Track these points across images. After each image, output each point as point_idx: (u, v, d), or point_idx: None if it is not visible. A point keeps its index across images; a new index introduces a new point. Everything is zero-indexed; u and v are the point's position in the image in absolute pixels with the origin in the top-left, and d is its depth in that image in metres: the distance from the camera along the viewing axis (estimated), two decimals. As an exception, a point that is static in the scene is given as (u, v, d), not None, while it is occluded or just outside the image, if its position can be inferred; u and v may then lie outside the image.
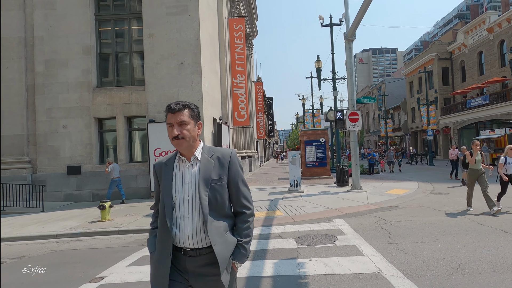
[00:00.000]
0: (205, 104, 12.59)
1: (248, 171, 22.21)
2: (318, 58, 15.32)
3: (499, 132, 21.52)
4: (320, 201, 9.88)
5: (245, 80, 16.92)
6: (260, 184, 15.13)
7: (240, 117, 16.74)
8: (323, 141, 17.41)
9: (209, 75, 13.69)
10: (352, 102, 12.04)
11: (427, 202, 9.34)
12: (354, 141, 12.05)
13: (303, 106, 25.78)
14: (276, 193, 11.87)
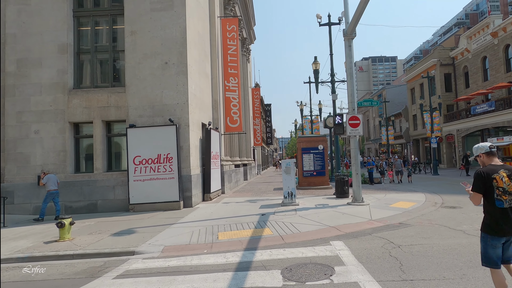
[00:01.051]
0: (191, 107, 11.50)
1: (243, 180, 21.03)
2: (316, 59, 14.29)
3: (508, 140, 20.39)
4: (317, 217, 8.69)
5: (238, 83, 15.87)
6: (253, 195, 13.94)
7: (232, 123, 15.64)
8: (321, 149, 16.27)
9: (197, 77, 12.64)
10: (353, 105, 10.95)
11: (439, 219, 8.16)
12: (355, 148, 10.91)
13: (301, 112, 24.69)
14: (268, 206, 10.69)
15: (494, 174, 3.18)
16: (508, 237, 3.16)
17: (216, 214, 9.56)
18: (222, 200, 12.55)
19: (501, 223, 3.13)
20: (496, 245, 3.16)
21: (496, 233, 3.15)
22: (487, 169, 3.25)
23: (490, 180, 3.18)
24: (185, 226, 8.11)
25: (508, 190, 3.12)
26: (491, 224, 3.20)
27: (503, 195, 3.13)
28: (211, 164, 12.73)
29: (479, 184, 3.23)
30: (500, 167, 3.24)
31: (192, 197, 11.12)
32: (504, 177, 3.16)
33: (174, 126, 10.81)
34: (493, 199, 3.16)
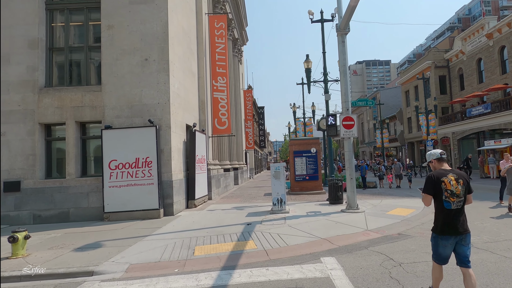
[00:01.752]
0: (173, 107, 10.68)
1: (233, 184, 20.18)
2: (308, 57, 13.54)
3: (506, 142, 19.85)
4: (308, 227, 7.89)
5: (227, 83, 15.08)
6: (241, 201, 13.11)
7: (220, 125, 14.83)
8: (314, 152, 15.51)
9: (181, 75, 11.83)
10: (346, 105, 10.21)
11: (441, 228, 7.41)
12: (349, 151, 10.16)
13: (294, 115, 23.91)
14: (256, 214, 9.87)
15: (443, 178, 3.42)
16: (457, 236, 3.38)
17: (198, 224, 8.71)
18: (207, 207, 11.69)
19: (449, 223, 3.38)
20: (446, 245, 3.39)
21: (444, 233, 3.39)
22: (437, 173, 3.49)
23: (439, 183, 3.41)
24: (160, 238, 7.25)
25: (455, 193, 3.36)
26: (440, 225, 3.43)
27: (450, 197, 3.36)
28: (196, 168, 11.89)
29: (429, 186, 3.46)
30: (449, 172, 3.49)
31: (174, 204, 10.26)
32: (452, 180, 3.40)
33: (154, 128, 9.97)
34: (442, 201, 3.39)
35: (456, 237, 3.39)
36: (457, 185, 3.39)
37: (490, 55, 27.55)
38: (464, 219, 3.46)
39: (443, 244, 3.42)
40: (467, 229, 3.45)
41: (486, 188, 15.68)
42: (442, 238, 3.43)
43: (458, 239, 3.41)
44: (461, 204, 3.41)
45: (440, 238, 3.44)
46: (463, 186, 3.42)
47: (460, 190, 3.40)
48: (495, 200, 11.47)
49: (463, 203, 3.43)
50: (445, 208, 3.39)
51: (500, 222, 7.83)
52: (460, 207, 3.41)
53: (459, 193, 3.39)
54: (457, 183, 3.40)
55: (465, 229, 3.43)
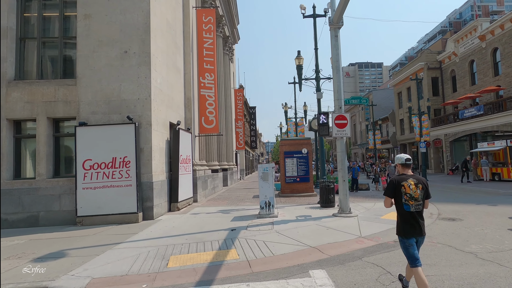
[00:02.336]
0: (155, 103, 9.97)
1: (222, 186, 19.48)
2: (299, 54, 12.94)
3: (499, 145, 19.55)
4: (296, 233, 7.27)
5: (215, 80, 14.41)
6: (228, 204, 12.43)
7: (208, 123, 14.14)
8: (305, 153, 14.93)
9: (165, 70, 11.13)
10: (339, 103, 9.63)
11: (441, 235, 6.86)
12: (342, 151, 9.58)
13: (285, 114, 23.23)
14: (242, 218, 9.22)
15: (403, 182, 3.62)
16: (416, 237, 3.58)
17: (178, 229, 8.02)
18: (191, 210, 10.99)
19: (408, 225, 3.58)
20: (411, 244, 3.56)
21: (406, 234, 3.58)
22: (399, 177, 3.70)
23: (399, 186, 3.61)
24: (133, 246, 6.55)
25: (414, 196, 3.56)
26: (403, 227, 3.61)
27: (409, 200, 3.57)
28: (180, 169, 11.19)
29: (390, 189, 3.67)
30: (410, 177, 3.67)
31: (154, 207, 9.54)
32: (412, 184, 3.59)
33: (133, 125, 9.25)
34: (402, 204, 3.61)
35: (416, 237, 3.62)
36: (416, 190, 3.59)
37: (483, 57, 27.40)
38: (423, 223, 3.66)
39: (408, 244, 3.60)
40: (424, 232, 3.67)
41: (481, 191, 15.29)
42: (407, 239, 3.61)
43: (417, 240, 3.64)
44: (420, 208, 3.62)
45: (405, 240, 3.63)
46: (421, 191, 3.62)
47: (419, 194, 3.60)
48: (492, 204, 11.03)
49: (421, 207, 3.64)
50: (405, 210, 3.62)
51: (502, 228, 7.32)
52: (419, 210, 3.62)
53: (418, 197, 3.59)
54: (416, 188, 3.61)
55: (423, 231, 3.65)
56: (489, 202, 11.47)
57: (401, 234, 3.66)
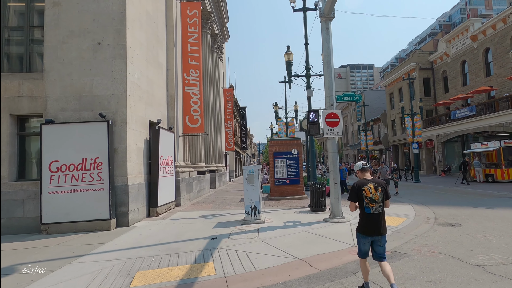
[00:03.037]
0: (132, 100, 9.18)
1: (209, 188, 18.69)
2: (289, 49, 12.26)
3: (493, 145, 19.20)
4: (283, 242, 6.56)
5: (200, 77, 13.64)
6: (213, 208, 11.66)
7: (192, 122, 13.36)
8: (295, 153, 14.26)
9: (144, 65, 10.34)
10: (331, 100, 8.97)
11: (441, 244, 6.22)
12: (333, 152, 8.92)
13: (276, 114, 22.51)
14: (226, 225, 8.47)
15: (364, 186, 3.94)
16: (373, 237, 3.90)
17: (153, 238, 7.23)
18: (172, 216, 10.20)
19: (367, 225, 3.92)
20: (365, 242, 3.95)
21: (365, 233, 3.93)
22: (359, 182, 4.03)
23: (360, 191, 3.95)
24: (97, 259, 5.75)
25: (374, 199, 3.89)
26: (363, 226, 3.97)
27: (370, 203, 3.89)
28: (161, 171, 10.40)
29: (353, 194, 4.03)
30: (370, 181, 3.99)
31: (129, 213, 8.73)
32: (371, 188, 3.91)
33: (106, 123, 8.44)
34: (363, 206, 3.94)
35: (373, 237, 3.89)
36: (376, 193, 3.86)
37: (475, 58, 27.20)
38: (383, 222, 3.92)
39: (363, 241, 3.94)
40: (384, 232, 3.90)
41: (476, 193, 14.82)
42: (363, 237, 3.94)
43: (375, 239, 3.90)
44: (380, 209, 3.89)
45: (362, 237, 3.96)
46: (381, 193, 3.88)
47: (379, 197, 3.87)
48: (490, 207, 10.49)
49: (382, 208, 3.90)
50: (366, 212, 3.89)
51: (506, 235, 6.73)
52: (380, 211, 3.89)
53: (378, 199, 3.86)
54: (376, 191, 3.87)
55: (382, 232, 3.88)
56: (487, 205, 10.94)
57: (359, 231, 4.01)
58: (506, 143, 18.46)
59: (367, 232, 3.90)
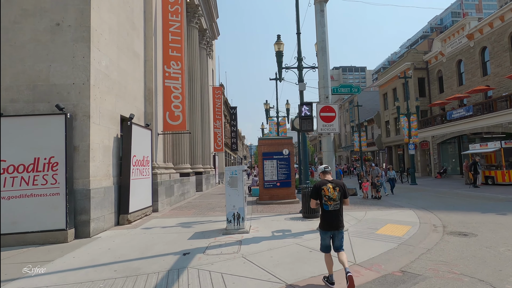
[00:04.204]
0: (97, 91, 7.94)
1: (195, 191, 17.44)
2: (279, 38, 11.12)
3: (493, 146, 18.35)
4: (270, 258, 5.39)
5: (182, 69, 12.44)
6: (194, 214, 10.44)
7: (173, 119, 12.13)
8: (287, 154, 13.14)
9: (115, 52, 9.11)
10: (325, 91, 7.87)
11: (460, 260, 5.12)
12: (329, 151, 7.80)
13: (267, 113, 21.34)
14: (204, 235, 7.27)
15: (323, 186, 4.34)
16: (332, 231, 4.30)
17: (113, 254, 6.00)
18: (145, 224, 8.95)
19: (327, 221, 4.32)
20: (325, 237, 4.33)
21: (325, 228, 4.32)
22: (320, 182, 4.43)
23: (320, 190, 4.34)
24: (30, 286, 4.50)
25: (332, 198, 4.27)
26: (323, 222, 4.36)
27: (328, 201, 4.28)
28: (133, 173, 9.16)
29: (313, 192, 4.42)
30: (329, 181, 4.39)
31: (92, 222, 7.47)
32: (330, 188, 4.30)
33: (63, 116, 7.20)
34: (323, 204, 4.33)
35: (332, 231, 4.31)
36: (334, 192, 4.29)
37: (471, 57, 26.50)
38: (341, 219, 4.34)
39: (324, 237, 4.35)
40: (341, 227, 4.32)
41: (479, 196, 13.87)
42: (324, 233, 4.35)
43: (334, 233, 4.32)
44: (337, 207, 4.31)
45: (323, 232, 4.37)
46: (339, 193, 4.32)
47: (336, 195, 4.29)
48: (500, 212, 9.49)
49: (339, 206, 4.34)
50: (325, 209, 4.33)
51: (533, 249, 5.67)
52: (337, 208, 4.32)
53: (335, 198, 4.28)
54: (334, 190, 4.30)
55: (339, 226, 4.30)
56: (495, 210, 9.95)
57: (321, 228, 4.38)
58: (507, 143, 17.62)
59: (327, 227, 4.31)
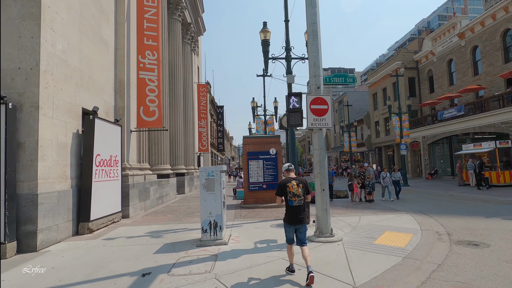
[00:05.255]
0: (50, 78, 6.75)
1: (175, 194, 16.22)
2: (265, 25, 10.02)
3: (487, 146, 17.74)
4: (247, 279, 4.33)
5: (159, 60, 11.27)
6: (170, 220, 9.28)
7: (148, 115, 10.95)
8: (274, 153, 12.11)
9: (75, 35, 7.91)
10: (317, 80, 6.85)
11: (481, 280, 4.16)
12: (321, 148, 6.78)
13: (253, 111, 20.19)
14: (175, 247, 6.15)
15: (288, 183, 4.58)
16: (296, 225, 4.55)
17: (53, 276, 4.82)
18: (109, 233, 7.76)
19: (291, 216, 4.55)
20: (290, 231, 4.59)
21: (289, 222, 4.57)
22: (285, 180, 4.70)
23: (285, 187, 4.57)
24: None
25: (296, 194, 4.53)
26: (288, 217, 4.59)
27: (292, 197, 4.53)
28: (97, 174, 7.96)
29: (279, 190, 4.63)
30: (294, 179, 4.66)
31: (40, 233, 6.26)
32: (294, 185, 4.55)
33: (3, 106, 5.98)
34: (287, 200, 4.57)
35: (296, 225, 4.56)
36: (298, 188, 4.55)
37: (462, 56, 26.08)
38: (304, 213, 4.63)
39: (288, 230, 4.61)
40: (304, 221, 4.59)
41: (477, 198, 13.11)
42: (288, 226, 4.60)
43: (297, 228, 4.57)
44: (301, 202, 4.56)
45: (287, 225, 4.63)
46: (302, 189, 4.59)
47: (300, 192, 4.56)
48: (505, 217, 8.66)
49: (303, 201, 4.59)
50: (290, 205, 4.56)
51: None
52: (301, 204, 4.56)
53: (299, 194, 4.55)
54: (298, 187, 4.56)
55: (302, 221, 4.56)
56: (499, 215, 9.13)
57: (286, 222, 4.65)
58: (501, 143, 17.03)
59: (291, 221, 4.53)
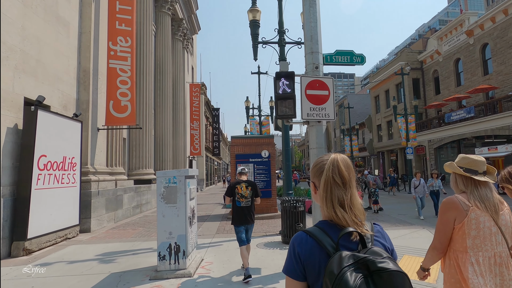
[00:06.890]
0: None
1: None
2: (254, 3, 8.40)
3: (504, 150, 16.15)
4: None
5: (132, 47, 9.73)
6: (137, 235, 7.64)
7: (119, 110, 9.37)
8: (266, 156, 10.52)
9: (18, 9, 6.38)
10: (315, 58, 5.28)
11: None
12: (319, 147, 5.14)
13: (247, 111, 18.62)
14: (122, 279, 4.52)
15: (237, 185, 4.81)
16: (245, 225, 4.78)
17: None
18: (53, 254, 6.13)
19: (239, 216, 4.73)
20: (240, 231, 4.73)
21: (237, 223, 4.73)
22: (235, 181, 4.91)
23: (234, 188, 4.79)
24: None
25: (244, 195, 4.76)
26: (235, 218, 4.75)
27: (240, 198, 4.75)
28: (41, 179, 6.37)
29: (228, 190, 4.83)
30: (243, 181, 4.86)
31: None
32: (243, 187, 4.79)
33: None
34: (235, 201, 4.77)
35: (245, 226, 4.79)
36: (246, 190, 4.78)
37: (470, 55, 24.57)
38: (252, 214, 4.83)
39: (238, 230, 4.74)
40: (251, 221, 4.82)
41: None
42: (238, 227, 4.74)
43: (247, 228, 4.84)
44: (249, 204, 4.78)
45: (236, 227, 4.76)
46: (250, 191, 4.82)
47: (248, 193, 4.79)
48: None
49: (251, 203, 4.81)
50: (237, 205, 4.74)
51: None
52: (249, 205, 4.78)
53: (247, 195, 4.78)
54: (246, 189, 4.79)
55: (250, 221, 4.79)
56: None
57: (234, 223, 4.77)
58: (520, 147, 15.44)
59: (241, 222, 4.73)
